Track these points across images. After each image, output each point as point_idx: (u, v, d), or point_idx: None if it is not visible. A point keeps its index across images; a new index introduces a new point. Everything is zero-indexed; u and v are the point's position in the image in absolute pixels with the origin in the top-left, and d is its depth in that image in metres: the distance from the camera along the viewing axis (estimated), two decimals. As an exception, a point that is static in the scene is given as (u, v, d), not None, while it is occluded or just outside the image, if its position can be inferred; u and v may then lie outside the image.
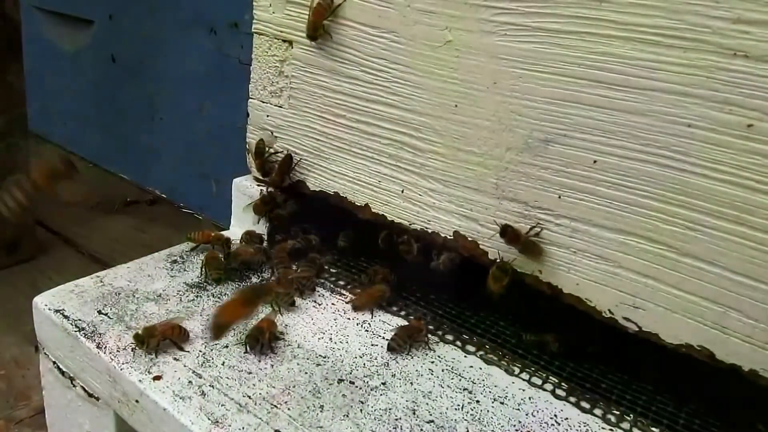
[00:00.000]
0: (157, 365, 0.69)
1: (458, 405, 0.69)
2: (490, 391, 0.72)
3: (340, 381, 0.70)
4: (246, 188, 0.99)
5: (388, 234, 0.86)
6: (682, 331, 0.66)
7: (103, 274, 0.87)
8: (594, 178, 0.69)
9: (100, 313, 0.77)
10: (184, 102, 1.94)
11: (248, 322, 0.75)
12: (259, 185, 0.98)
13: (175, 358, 0.71)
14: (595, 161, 0.68)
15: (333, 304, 0.85)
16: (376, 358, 0.75)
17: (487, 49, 0.72)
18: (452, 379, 0.73)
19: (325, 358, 0.74)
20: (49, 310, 0.77)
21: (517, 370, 0.76)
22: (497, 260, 0.76)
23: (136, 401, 0.68)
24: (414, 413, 0.67)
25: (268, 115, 0.96)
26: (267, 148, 0.95)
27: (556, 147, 0.70)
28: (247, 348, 0.72)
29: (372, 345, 0.77)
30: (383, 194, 0.86)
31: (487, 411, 0.68)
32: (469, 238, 0.80)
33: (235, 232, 1.00)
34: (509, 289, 0.76)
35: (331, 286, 0.89)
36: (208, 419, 0.63)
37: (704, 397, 0.70)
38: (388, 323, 0.82)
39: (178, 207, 2.04)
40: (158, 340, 0.71)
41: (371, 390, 0.69)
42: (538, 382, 0.74)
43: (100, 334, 0.73)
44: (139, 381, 0.67)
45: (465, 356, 0.78)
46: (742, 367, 0.64)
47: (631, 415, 0.70)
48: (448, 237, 0.82)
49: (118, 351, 0.71)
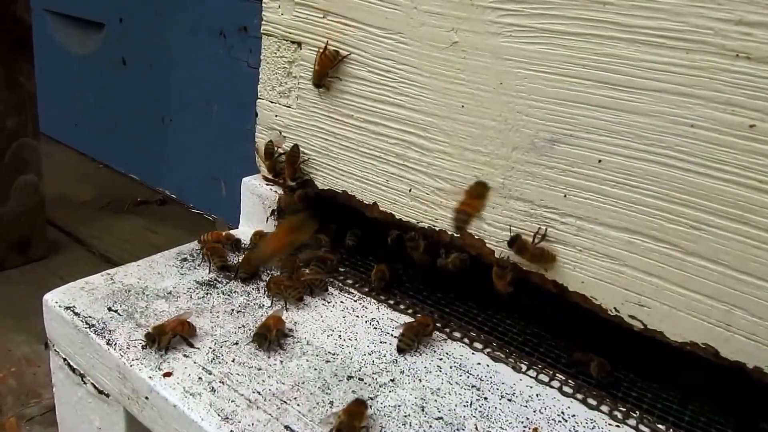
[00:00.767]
0: (167, 362, 0.71)
1: (467, 402, 0.70)
2: (498, 388, 0.73)
3: (350, 378, 0.72)
4: (255, 187, 1.01)
5: (399, 235, 0.88)
6: (687, 329, 0.68)
7: (114, 272, 0.89)
8: (599, 178, 0.70)
9: (110, 310, 0.79)
10: (193, 104, 1.96)
11: (258, 321, 0.77)
12: (268, 184, 1.00)
13: (185, 355, 0.72)
14: (600, 161, 0.70)
15: (342, 302, 0.87)
16: (384, 355, 0.77)
17: (493, 50, 0.74)
18: (460, 376, 0.75)
19: (334, 355, 0.76)
20: (60, 307, 0.80)
21: (524, 368, 0.77)
22: (496, 259, 0.78)
23: (146, 398, 0.70)
24: (423, 410, 0.68)
25: (276, 115, 0.98)
26: (276, 148, 0.97)
27: (562, 147, 0.72)
28: (257, 345, 0.75)
29: (380, 342, 0.79)
30: (391, 193, 0.88)
31: (495, 408, 0.70)
32: (476, 237, 0.81)
33: (244, 231, 1.02)
34: (516, 286, 0.78)
35: (340, 285, 0.91)
36: (218, 415, 0.64)
37: (709, 394, 0.72)
38: (396, 321, 0.84)
39: (188, 207, 2.07)
40: (169, 338, 0.73)
41: (380, 387, 0.71)
42: (545, 379, 0.76)
43: (110, 331, 0.75)
44: (149, 377, 0.69)
45: (473, 353, 0.79)
46: (747, 365, 0.65)
47: (638, 412, 0.72)
48: (456, 235, 0.83)
49: (128, 347, 0.73)
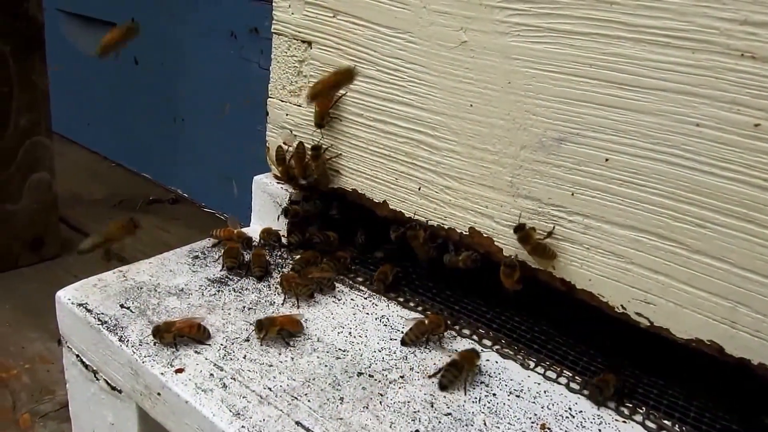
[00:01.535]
0: (179, 358, 0.73)
1: (475, 398, 0.72)
2: (507, 385, 0.75)
3: (360, 374, 0.74)
4: (266, 186, 1.03)
5: (403, 232, 0.89)
6: (693, 326, 0.69)
7: (126, 269, 0.91)
8: (606, 176, 0.71)
9: (122, 306, 0.81)
10: (204, 104, 1.99)
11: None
12: (279, 182, 1.02)
13: (197, 351, 0.74)
14: (607, 159, 0.71)
15: (352, 300, 0.88)
16: (394, 352, 0.78)
17: (502, 49, 0.75)
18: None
19: (344, 351, 0.77)
20: (72, 303, 0.82)
21: (532, 364, 0.79)
22: (504, 258, 0.80)
23: (158, 394, 0.71)
24: (432, 406, 0.70)
25: (287, 114, 0.99)
26: (288, 147, 0.99)
27: (569, 145, 0.73)
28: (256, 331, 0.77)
29: (390, 339, 0.80)
30: (400, 191, 0.90)
31: (504, 404, 0.71)
32: (485, 235, 0.83)
33: (255, 229, 1.03)
34: (524, 284, 0.80)
35: (350, 282, 0.92)
36: (230, 411, 0.66)
37: (714, 390, 0.73)
38: (405, 318, 0.85)
39: (200, 206, 2.09)
40: (174, 335, 0.74)
41: (390, 383, 0.73)
42: (553, 375, 0.77)
43: (123, 328, 0.77)
44: (161, 374, 0.71)
45: (482, 350, 0.81)
46: (751, 361, 0.66)
47: (644, 408, 0.73)
48: (464, 233, 0.85)
49: (140, 344, 0.75)
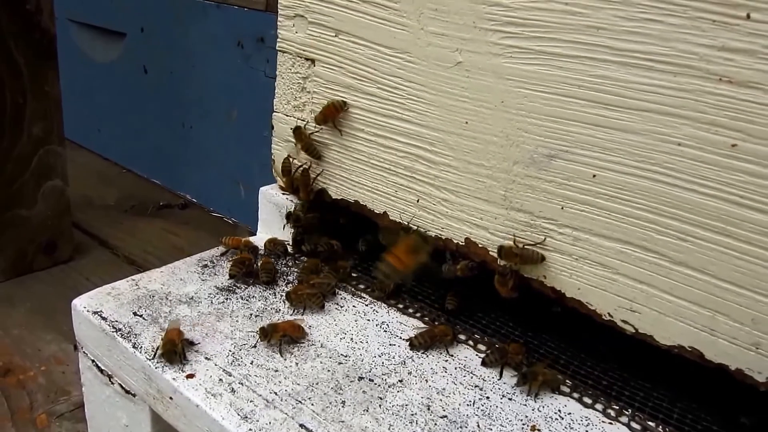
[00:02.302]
0: (190, 364, 0.77)
1: (470, 401, 0.76)
2: (500, 388, 0.78)
3: (361, 378, 0.78)
4: (272, 197, 1.07)
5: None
6: (675, 333, 0.72)
7: (138, 278, 0.94)
8: (593, 191, 0.75)
9: (135, 314, 0.85)
10: (212, 112, 2.03)
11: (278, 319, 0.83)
12: (284, 193, 1.06)
13: (207, 357, 0.78)
14: (594, 175, 0.74)
15: (354, 306, 0.92)
16: (393, 357, 0.82)
17: (495, 70, 0.79)
18: (464, 376, 0.80)
19: (346, 357, 0.81)
20: (88, 311, 0.86)
21: (524, 368, 0.82)
22: (498, 266, 0.83)
23: (170, 398, 0.75)
24: (428, 409, 0.74)
25: (291, 128, 1.03)
26: (292, 160, 1.03)
27: (559, 162, 0.76)
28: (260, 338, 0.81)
29: (390, 345, 0.84)
30: (400, 203, 0.93)
31: (496, 406, 0.75)
32: (480, 245, 0.86)
33: (262, 238, 1.07)
34: (519, 291, 0.84)
35: (352, 290, 0.96)
36: (238, 415, 0.70)
37: (695, 393, 0.76)
38: (404, 324, 0.89)
39: (209, 211, 2.14)
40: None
41: (389, 387, 0.77)
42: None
43: (136, 335, 0.81)
44: (173, 379, 0.75)
45: (477, 355, 0.84)
46: (729, 366, 0.69)
47: (630, 410, 0.77)
48: (461, 243, 0.88)
49: (153, 351, 0.79)
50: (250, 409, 0.71)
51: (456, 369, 0.81)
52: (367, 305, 0.93)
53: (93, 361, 0.87)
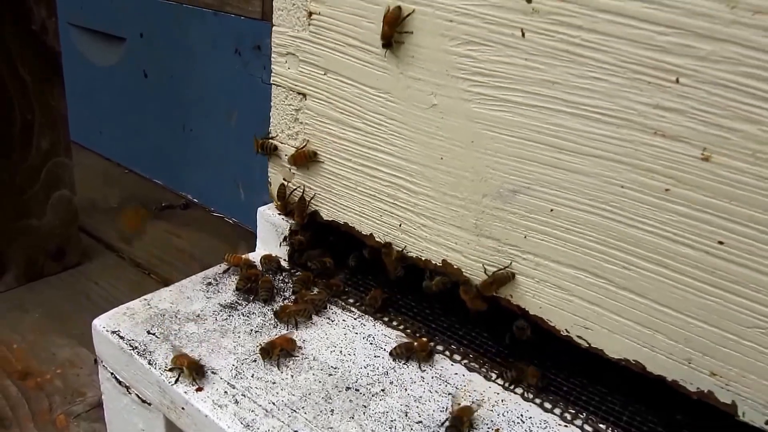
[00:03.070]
0: (200, 378, 0.89)
1: (443, 407, 0.87)
2: (471, 395, 0.90)
3: (348, 389, 0.89)
4: (269, 216, 1.18)
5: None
6: (621, 348, 0.84)
7: (150, 297, 1.06)
8: (551, 224, 0.86)
9: (149, 333, 0.96)
10: (211, 116, 2.13)
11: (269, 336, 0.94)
12: (280, 214, 1.17)
13: (213, 372, 0.90)
14: (552, 210, 0.85)
15: (344, 320, 1.04)
16: (378, 368, 0.94)
17: (466, 113, 0.89)
18: (440, 385, 0.92)
19: (335, 368, 0.93)
20: (107, 331, 0.97)
21: (494, 376, 0.94)
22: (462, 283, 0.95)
23: (183, 408, 0.87)
24: (406, 415, 0.85)
25: (286, 155, 1.14)
26: (287, 183, 1.14)
27: (522, 197, 0.87)
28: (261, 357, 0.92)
29: (375, 356, 0.96)
30: (384, 226, 1.04)
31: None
32: (455, 266, 0.98)
33: (261, 254, 1.18)
34: (490, 310, 0.95)
35: (343, 304, 1.08)
36: (241, 423, 0.82)
37: (641, 399, 0.88)
38: (389, 336, 1.01)
39: (209, 211, 2.25)
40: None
41: (372, 396, 0.88)
42: (511, 385, 0.93)
43: (150, 352, 0.92)
44: (185, 392, 0.86)
45: (452, 364, 0.96)
46: (667, 378, 0.81)
47: (584, 414, 0.88)
48: (438, 264, 1.00)
49: (165, 367, 0.90)
50: (252, 418, 0.83)
51: (432, 378, 0.92)
52: (355, 319, 1.04)
53: (112, 373, 0.98)
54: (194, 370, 0.87)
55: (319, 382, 0.89)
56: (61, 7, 1.71)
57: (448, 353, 0.98)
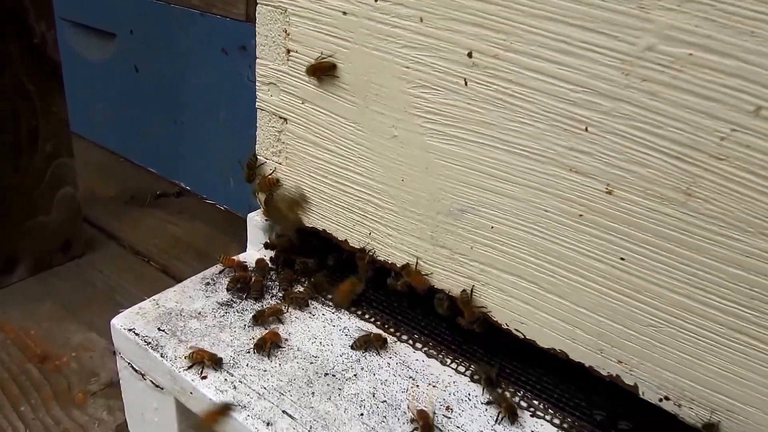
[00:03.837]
0: (204, 368, 1.07)
1: (404, 389, 1.06)
2: (427, 378, 1.09)
3: (326, 374, 1.08)
4: (258, 222, 1.35)
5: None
6: (550, 339, 1.03)
7: (158, 298, 1.23)
8: (492, 238, 1.04)
9: (159, 329, 1.14)
10: (201, 109, 2.28)
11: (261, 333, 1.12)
12: (267, 220, 1.34)
13: (215, 363, 1.08)
14: (492, 227, 1.03)
15: (323, 314, 1.22)
16: (351, 356, 1.12)
17: (421, 144, 1.06)
18: (402, 370, 1.10)
19: (316, 357, 1.11)
20: (124, 329, 1.15)
21: (449, 362, 1.13)
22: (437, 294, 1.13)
23: (191, 392, 1.06)
24: (374, 396, 1.04)
25: (270, 169, 1.31)
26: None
27: (468, 215, 1.05)
28: (256, 351, 1.10)
29: (349, 346, 1.14)
30: (356, 234, 1.22)
31: (423, 392, 1.06)
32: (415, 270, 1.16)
33: (251, 254, 1.36)
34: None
35: (323, 300, 1.26)
36: (239, 405, 1.01)
37: (569, 379, 1.07)
38: (362, 328, 1.19)
39: (202, 198, 2.41)
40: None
41: (346, 380, 1.07)
42: (462, 370, 1.11)
43: (162, 347, 1.11)
44: (192, 380, 1.05)
45: (414, 351, 1.15)
46: (585, 364, 1.00)
47: (522, 391, 1.08)
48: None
49: (175, 359, 1.08)
50: (247, 401, 1.01)
51: (396, 364, 1.11)
52: (333, 313, 1.23)
53: (129, 363, 1.16)
54: (214, 362, 1.05)
55: (302, 369, 1.08)
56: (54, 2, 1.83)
57: (411, 342, 1.17)
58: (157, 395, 1.15)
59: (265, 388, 1.04)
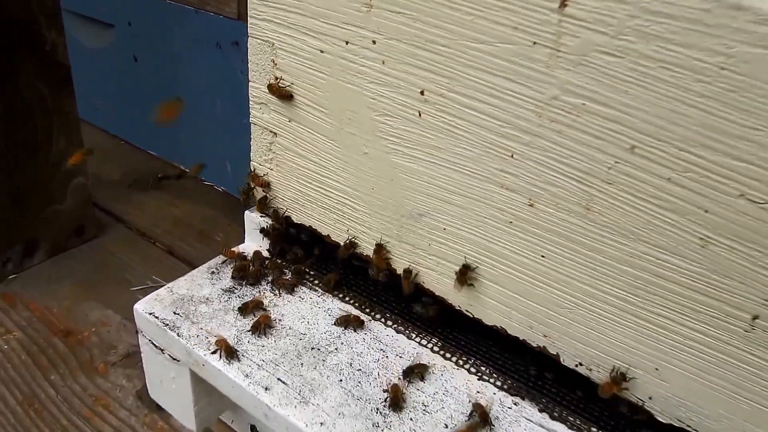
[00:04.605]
0: (214, 345, 1.38)
1: (376, 359, 1.38)
2: (395, 350, 1.41)
3: (312, 348, 1.39)
4: (254, 218, 1.65)
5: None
6: (493, 318, 1.34)
7: (172, 285, 1.54)
8: (445, 237, 1.34)
9: (174, 313, 1.45)
10: (199, 98, 2.55)
11: (253, 318, 1.43)
12: (262, 216, 1.64)
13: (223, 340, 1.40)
14: (444, 229, 1.33)
15: (311, 298, 1.53)
16: (333, 333, 1.43)
17: (387, 161, 1.35)
18: (375, 344, 1.42)
19: (304, 334, 1.42)
20: (145, 312, 1.46)
21: (414, 336, 1.44)
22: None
23: (203, 365, 1.37)
24: (351, 365, 1.36)
25: (264, 173, 1.60)
26: (268, 198, 1.61)
27: (426, 219, 1.35)
28: (252, 332, 1.41)
29: (331, 325, 1.46)
30: (337, 230, 1.52)
31: (392, 362, 1.37)
32: (386, 260, 1.46)
33: (249, 246, 1.67)
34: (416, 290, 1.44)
35: (310, 285, 1.57)
36: (243, 374, 1.32)
37: (512, 349, 1.39)
38: (342, 309, 1.50)
39: (200, 180, 2.71)
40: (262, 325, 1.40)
41: (329, 353, 1.38)
42: (425, 342, 1.43)
43: (178, 327, 1.42)
44: (204, 354, 1.36)
45: (385, 328, 1.46)
46: (519, 337, 1.32)
47: (472, 359, 1.39)
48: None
49: (189, 337, 1.39)
50: (249, 371, 1.33)
51: (371, 339, 1.43)
52: (319, 296, 1.54)
53: (149, 340, 1.48)
54: (227, 352, 1.36)
55: (293, 345, 1.40)
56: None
57: (383, 320, 1.48)
58: (174, 366, 1.47)
59: (263, 360, 1.35)
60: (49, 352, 1.93)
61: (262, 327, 1.41)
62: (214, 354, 1.35)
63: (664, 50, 0.97)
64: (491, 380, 1.36)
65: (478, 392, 1.32)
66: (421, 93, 1.25)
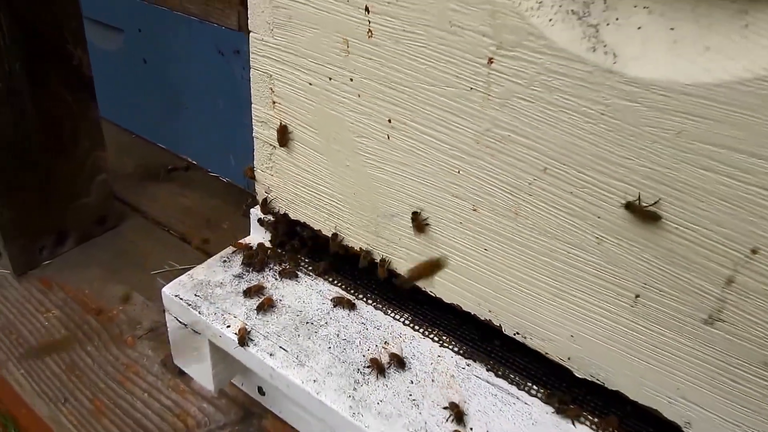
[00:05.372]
0: (228, 321, 1.81)
1: (358, 330, 1.80)
2: (373, 323, 1.83)
3: (307, 323, 1.81)
4: (257, 216, 2.07)
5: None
6: (452, 297, 1.76)
7: (192, 272, 1.95)
8: (411, 233, 1.75)
9: (195, 295, 1.87)
10: (203, 98, 2.95)
11: (259, 300, 1.85)
12: (265, 215, 2.06)
13: (234, 316, 1.82)
14: (411, 227, 1.75)
15: (306, 281, 1.95)
16: (324, 310, 1.85)
17: (365, 173, 1.76)
18: (358, 318, 1.84)
19: (300, 312, 1.85)
20: (172, 295, 1.87)
21: (390, 312, 1.86)
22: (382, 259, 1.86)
23: (220, 336, 1.80)
24: (338, 336, 1.78)
25: (266, 179, 2.01)
26: (266, 195, 2.02)
27: (397, 219, 1.76)
28: (257, 310, 1.83)
29: (322, 303, 1.87)
30: (327, 226, 1.94)
31: (371, 332, 1.80)
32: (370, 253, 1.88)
33: (254, 238, 2.08)
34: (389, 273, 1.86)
35: (306, 270, 1.99)
36: (252, 343, 1.75)
37: (467, 322, 1.81)
38: (331, 291, 1.92)
39: (207, 172, 3.12)
40: (265, 305, 1.82)
41: (320, 326, 1.81)
42: (398, 317, 1.85)
43: (198, 307, 1.84)
44: (220, 328, 1.79)
45: (366, 306, 1.88)
46: (471, 312, 1.74)
47: (436, 330, 1.81)
48: (358, 250, 1.90)
49: (208, 314, 1.82)
50: (257, 341, 1.75)
51: (354, 315, 1.85)
52: (312, 280, 1.96)
53: (175, 317, 1.90)
54: (240, 339, 1.78)
55: (291, 320, 1.82)
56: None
57: (364, 299, 1.90)
58: (196, 337, 1.90)
59: (268, 332, 1.78)
60: (84, 328, 2.35)
61: (266, 306, 1.83)
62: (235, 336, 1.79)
63: (563, 99, 1.37)
64: (450, 347, 1.78)
65: (439, 356, 1.75)
66: (389, 121, 1.65)
